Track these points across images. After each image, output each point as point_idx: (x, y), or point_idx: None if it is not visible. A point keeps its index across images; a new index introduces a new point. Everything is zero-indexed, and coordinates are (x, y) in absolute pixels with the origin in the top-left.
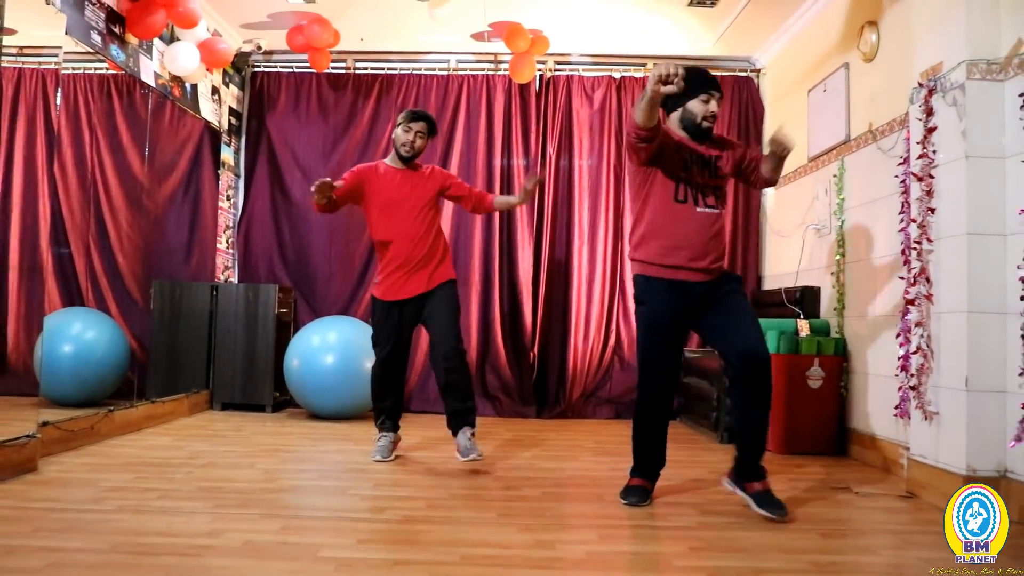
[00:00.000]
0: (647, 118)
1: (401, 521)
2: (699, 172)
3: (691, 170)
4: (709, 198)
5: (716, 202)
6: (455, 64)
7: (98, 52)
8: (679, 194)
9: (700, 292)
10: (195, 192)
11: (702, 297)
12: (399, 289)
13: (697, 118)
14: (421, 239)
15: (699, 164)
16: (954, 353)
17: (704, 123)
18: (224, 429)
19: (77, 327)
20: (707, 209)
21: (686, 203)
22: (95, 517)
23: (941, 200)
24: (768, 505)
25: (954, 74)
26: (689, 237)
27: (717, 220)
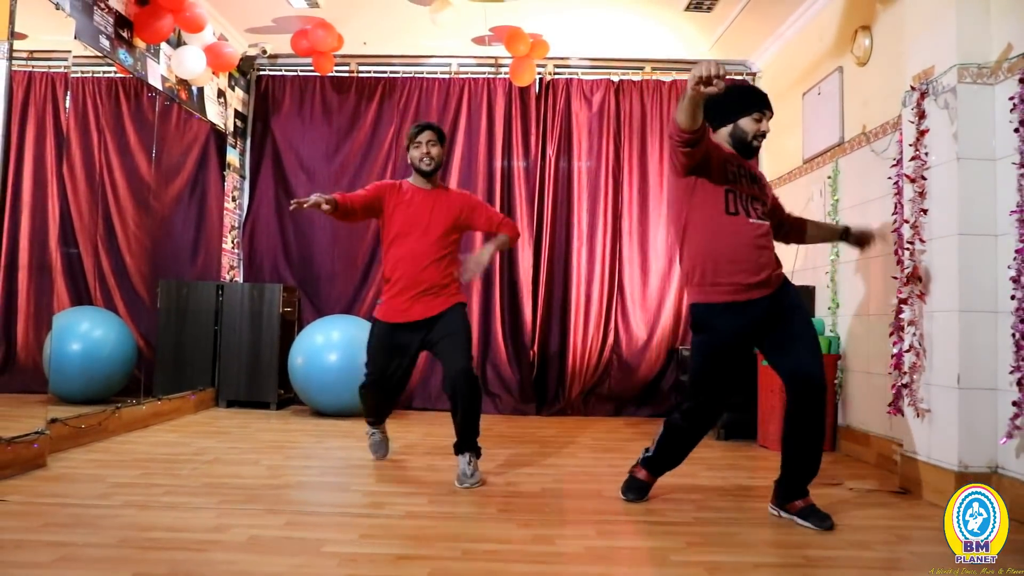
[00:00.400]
0: (690, 120)
1: (403, 517)
2: (748, 185)
3: (740, 182)
4: (758, 211)
5: (765, 215)
6: (456, 68)
7: (106, 56)
8: (730, 206)
9: (763, 308)
10: (201, 193)
11: (766, 313)
12: (403, 312)
13: (748, 136)
14: (433, 265)
15: (748, 177)
16: (946, 351)
17: (755, 142)
18: (229, 426)
19: (85, 325)
20: (759, 220)
21: (738, 215)
22: (103, 512)
23: (933, 201)
24: (813, 517)
25: (945, 78)
26: (746, 251)
27: (768, 231)
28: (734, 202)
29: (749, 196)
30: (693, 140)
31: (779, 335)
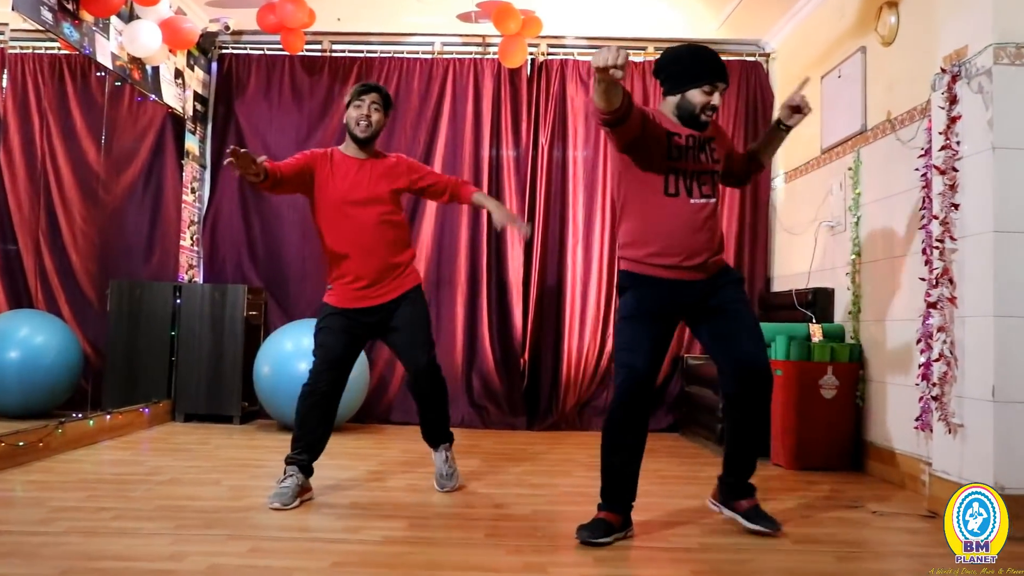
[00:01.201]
0: (605, 102)
1: (379, 543)
2: (694, 158)
3: (685, 157)
4: (705, 187)
5: (711, 190)
6: (440, 47)
7: (49, 30)
8: (669, 187)
9: (692, 292)
10: (156, 184)
11: (695, 298)
12: (356, 300)
13: (696, 109)
14: (380, 249)
15: (695, 148)
16: (980, 361)
17: (702, 116)
18: (187, 442)
19: (25, 331)
20: (701, 200)
21: (678, 196)
22: (43, 540)
23: (965, 195)
24: (760, 519)
25: (980, 59)
26: (684, 235)
27: (713, 210)
28: (675, 182)
29: (695, 173)
30: (614, 120)
31: (720, 326)
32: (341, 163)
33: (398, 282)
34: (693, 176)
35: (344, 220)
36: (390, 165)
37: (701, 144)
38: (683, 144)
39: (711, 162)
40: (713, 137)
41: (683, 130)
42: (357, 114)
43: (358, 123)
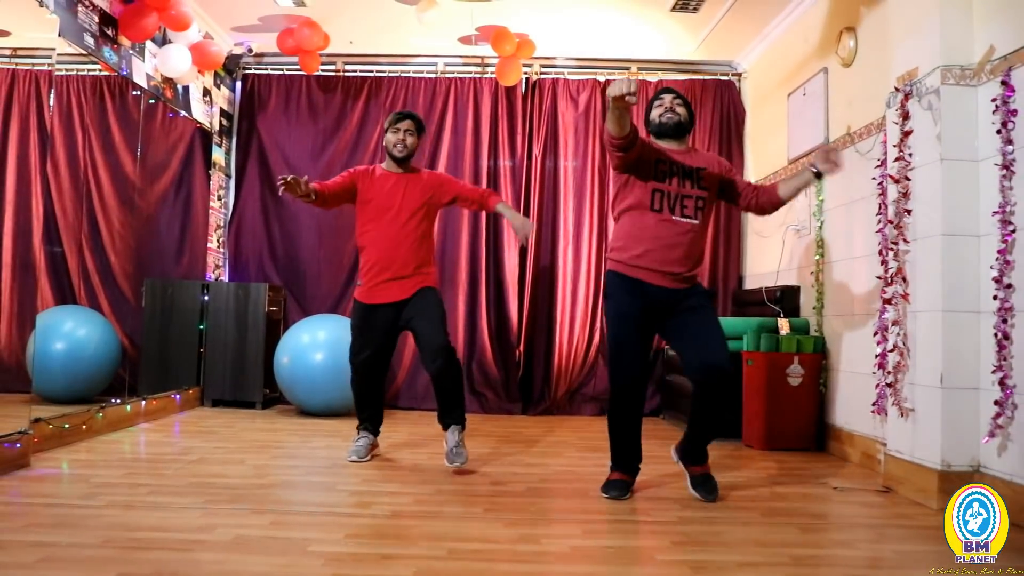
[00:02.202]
0: (618, 127)
1: (388, 516)
2: (680, 183)
3: (671, 180)
4: (687, 209)
5: (694, 213)
6: (443, 67)
7: (91, 54)
8: (654, 203)
9: (663, 297)
10: (186, 192)
11: (665, 302)
12: (379, 294)
13: (656, 119)
14: (405, 248)
15: (680, 175)
16: (929, 351)
17: (661, 119)
18: (214, 425)
19: (69, 325)
20: (683, 219)
21: (661, 212)
22: (87, 512)
23: (917, 202)
24: (701, 488)
25: (929, 79)
26: (662, 245)
27: (692, 231)
28: (660, 200)
29: (678, 195)
30: (625, 144)
31: (683, 325)
32: (381, 177)
33: (416, 280)
34: (676, 198)
35: (379, 223)
36: (424, 179)
37: (687, 172)
38: (666, 170)
39: (696, 187)
40: (703, 168)
41: (671, 158)
42: (395, 138)
43: (395, 146)
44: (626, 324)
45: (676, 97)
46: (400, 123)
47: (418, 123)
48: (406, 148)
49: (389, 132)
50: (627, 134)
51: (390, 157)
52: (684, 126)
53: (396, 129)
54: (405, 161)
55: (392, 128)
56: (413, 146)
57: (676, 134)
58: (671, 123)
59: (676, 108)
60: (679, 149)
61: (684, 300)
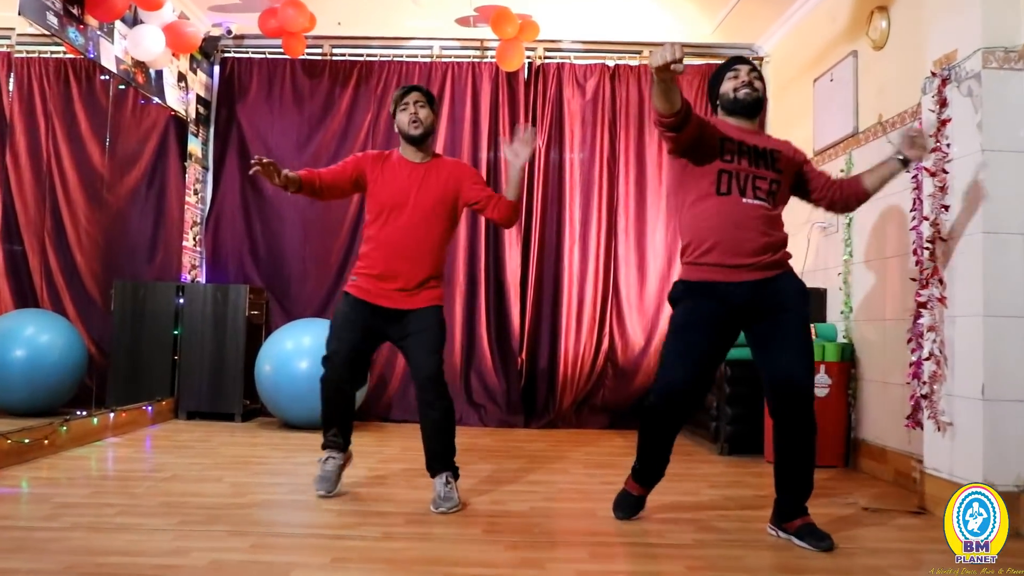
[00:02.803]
0: (667, 103)
1: (379, 538)
2: (751, 161)
3: (740, 160)
4: (759, 191)
5: (767, 196)
6: (439, 51)
7: (54, 34)
8: (721, 186)
9: (744, 294)
10: (160, 186)
11: (749, 301)
12: (378, 296)
13: (730, 93)
14: (418, 255)
15: (752, 155)
16: (969, 360)
17: (738, 94)
18: (190, 440)
19: (30, 330)
20: (755, 201)
21: (730, 195)
22: (49, 535)
23: (955, 197)
24: (809, 537)
25: (969, 63)
26: (732, 232)
27: (768, 213)
28: (727, 182)
29: (749, 175)
30: (676, 123)
31: (765, 335)
32: (395, 165)
33: (422, 295)
34: (747, 178)
35: (385, 220)
36: (446, 168)
37: (759, 152)
38: (734, 149)
39: (770, 169)
40: (777, 150)
41: (740, 136)
42: (407, 116)
43: (410, 124)
44: (686, 335)
45: (753, 70)
46: (407, 96)
47: (427, 94)
48: (421, 124)
49: (398, 112)
50: (679, 110)
51: (406, 140)
52: (761, 103)
53: (405, 105)
54: (423, 140)
55: (400, 106)
56: (428, 119)
57: (751, 112)
58: (748, 100)
59: (754, 83)
60: (750, 128)
61: (772, 298)
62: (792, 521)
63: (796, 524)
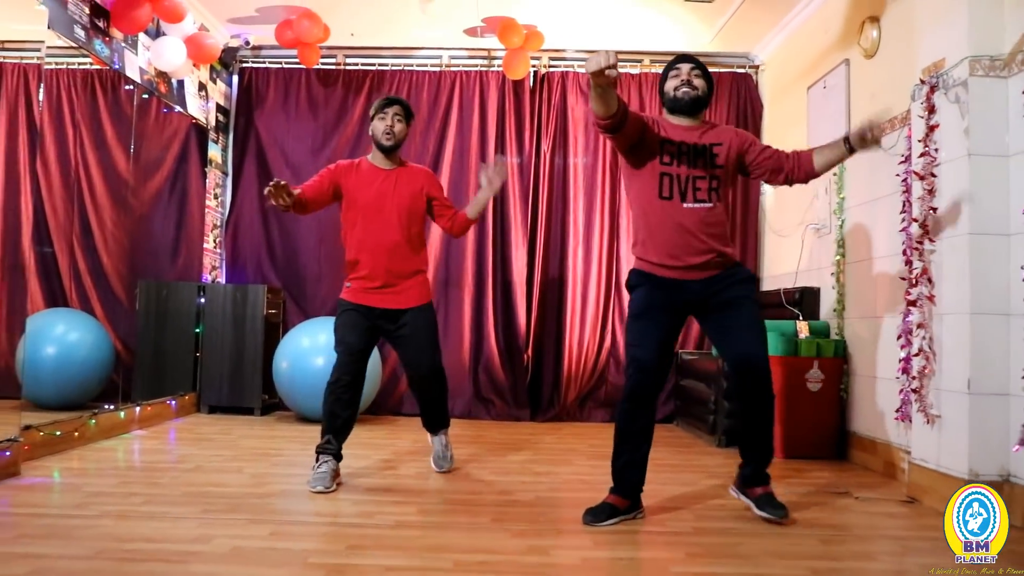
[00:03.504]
0: (603, 107)
1: (392, 527)
2: (690, 163)
3: (679, 162)
4: (699, 191)
5: (708, 196)
6: (448, 60)
7: (82, 47)
8: (663, 190)
9: (696, 290)
10: (181, 190)
11: (699, 295)
12: (370, 299)
13: (670, 92)
14: (397, 253)
15: (691, 155)
16: (956, 355)
17: (677, 93)
18: (211, 432)
19: (60, 328)
20: (696, 204)
21: (671, 199)
22: (79, 523)
23: (943, 199)
24: (768, 507)
25: (957, 71)
26: (673, 236)
27: (709, 214)
28: (668, 186)
29: (689, 178)
30: (613, 125)
31: (722, 322)
32: (367, 172)
33: (410, 292)
34: (687, 181)
35: (365, 224)
36: (414, 172)
37: (698, 150)
38: (674, 151)
39: (709, 167)
40: (718, 143)
41: (680, 135)
42: (383, 126)
43: (384, 134)
44: (643, 320)
45: (695, 67)
46: (388, 108)
47: (406, 108)
48: (394, 136)
49: (375, 119)
50: (614, 113)
51: (377, 147)
52: (702, 101)
53: (383, 115)
54: (393, 151)
55: (379, 114)
56: (402, 134)
57: (692, 111)
58: (687, 99)
59: (694, 80)
60: (692, 125)
61: (722, 292)
62: (754, 488)
63: (757, 492)
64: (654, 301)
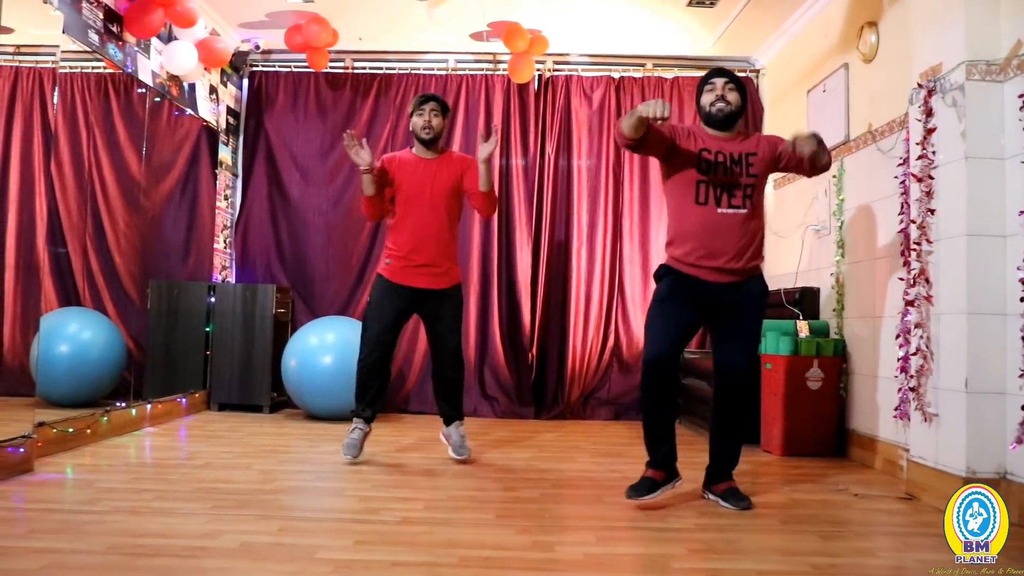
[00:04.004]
0: (632, 131)
1: (398, 523)
2: (726, 171)
3: (715, 170)
4: (735, 198)
5: (743, 202)
6: (454, 64)
7: (95, 51)
8: (699, 196)
9: (717, 291)
10: (192, 192)
11: (719, 297)
12: (410, 278)
13: (706, 107)
14: (438, 235)
15: (728, 162)
16: (954, 354)
17: (712, 108)
18: (221, 430)
19: (73, 327)
20: (730, 210)
21: (706, 205)
22: (91, 518)
23: (940, 201)
24: (732, 499)
25: (953, 75)
26: (709, 239)
27: (744, 221)
28: (704, 192)
29: (725, 184)
30: (630, 146)
31: (727, 326)
32: (410, 162)
33: (450, 273)
34: (723, 188)
35: (409, 209)
36: (453, 160)
37: (735, 160)
38: (712, 160)
39: (746, 176)
40: (753, 152)
41: (717, 146)
42: (421, 121)
43: (423, 129)
44: (663, 308)
45: (729, 81)
46: (425, 105)
47: (442, 104)
48: (432, 130)
49: (415, 116)
50: (637, 139)
51: (418, 140)
52: (735, 115)
53: (421, 111)
54: (433, 143)
55: (417, 111)
56: (440, 127)
57: (725, 125)
58: (720, 115)
59: (727, 96)
60: (728, 136)
61: (740, 299)
62: (719, 484)
63: (722, 487)
64: (677, 289)
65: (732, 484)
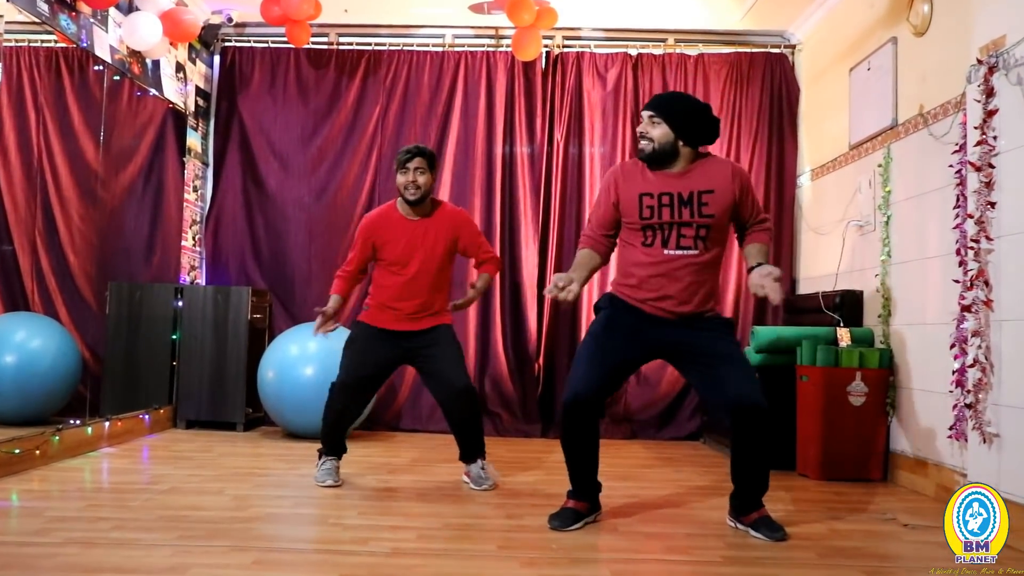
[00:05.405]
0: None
1: (388, 554)
2: (672, 212)
3: (659, 214)
4: (684, 239)
5: (693, 243)
6: (451, 39)
7: (45, 22)
8: (647, 239)
9: (669, 330)
10: (157, 182)
11: (673, 337)
12: (390, 322)
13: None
14: (425, 293)
15: (674, 205)
16: (1017, 366)
17: (639, 145)
18: (189, 450)
19: (21, 335)
20: (678, 251)
21: (653, 246)
22: (40, 551)
23: (1003, 193)
24: (764, 528)
25: (1019, 49)
26: (657, 279)
27: (692, 263)
28: (651, 236)
29: (672, 226)
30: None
31: (710, 369)
32: (397, 224)
33: (433, 318)
34: (670, 229)
35: (396, 271)
36: (447, 220)
37: (684, 200)
38: (654, 204)
39: (698, 216)
40: (708, 190)
41: (661, 186)
42: (405, 180)
43: (407, 189)
44: (603, 339)
45: (655, 114)
46: (409, 163)
47: (429, 158)
48: (419, 190)
49: (398, 173)
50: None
51: (404, 201)
52: (664, 153)
53: (405, 170)
54: (420, 203)
55: (401, 169)
56: (427, 184)
57: (658, 164)
58: (642, 156)
59: (650, 132)
60: (676, 172)
61: (697, 336)
62: (749, 514)
63: (753, 517)
64: (621, 323)
65: (764, 512)
